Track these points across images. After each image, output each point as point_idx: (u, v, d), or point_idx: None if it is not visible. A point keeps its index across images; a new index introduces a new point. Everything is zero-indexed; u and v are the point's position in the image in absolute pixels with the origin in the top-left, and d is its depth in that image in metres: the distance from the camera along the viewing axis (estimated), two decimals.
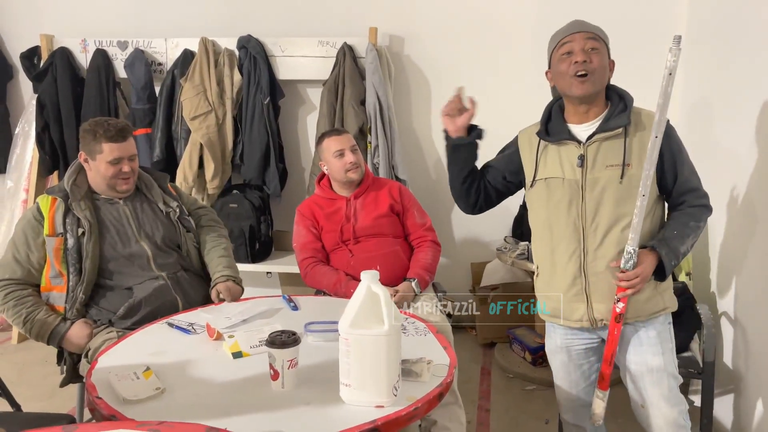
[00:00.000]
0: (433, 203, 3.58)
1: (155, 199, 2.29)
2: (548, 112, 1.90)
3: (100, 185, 2.18)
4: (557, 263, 1.83)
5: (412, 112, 3.72)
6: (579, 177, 1.75)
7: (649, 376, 1.78)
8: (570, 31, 1.76)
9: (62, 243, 2.07)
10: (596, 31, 1.77)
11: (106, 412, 1.42)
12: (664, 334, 1.81)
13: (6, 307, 2.04)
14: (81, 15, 3.82)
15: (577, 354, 1.90)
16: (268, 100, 3.48)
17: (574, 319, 1.83)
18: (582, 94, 1.73)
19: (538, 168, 1.85)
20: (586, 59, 1.71)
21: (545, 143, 1.84)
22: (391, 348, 1.41)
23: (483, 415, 2.77)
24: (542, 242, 1.89)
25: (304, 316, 2.04)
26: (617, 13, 3.38)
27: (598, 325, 1.80)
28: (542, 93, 3.57)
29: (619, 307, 1.72)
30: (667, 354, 1.79)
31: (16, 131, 3.87)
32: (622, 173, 1.71)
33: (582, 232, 1.77)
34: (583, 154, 1.75)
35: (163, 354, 1.74)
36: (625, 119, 1.72)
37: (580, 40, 1.73)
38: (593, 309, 1.79)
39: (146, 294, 2.09)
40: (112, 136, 2.10)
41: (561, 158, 1.79)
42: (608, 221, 1.74)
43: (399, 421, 1.39)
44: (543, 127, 1.86)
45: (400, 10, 3.59)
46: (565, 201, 1.78)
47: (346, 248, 2.53)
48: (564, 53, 1.75)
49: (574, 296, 1.81)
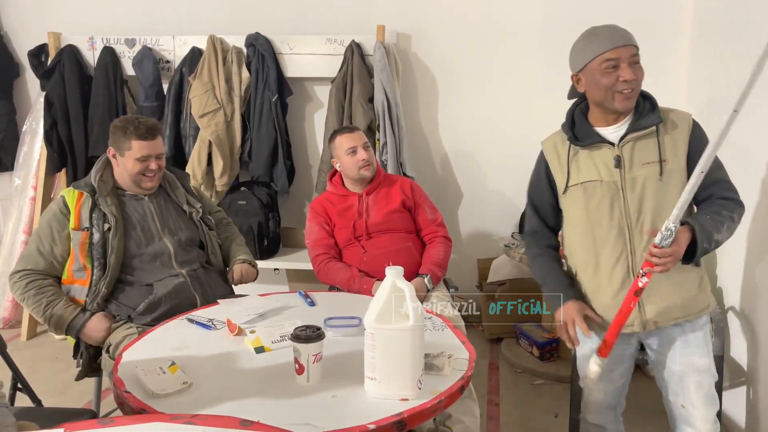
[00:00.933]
0: (440, 199, 3.60)
1: (179, 200, 2.34)
2: (571, 117, 1.87)
3: (126, 181, 2.22)
4: (602, 268, 1.79)
5: (419, 110, 3.74)
6: (617, 178, 1.74)
7: (695, 376, 1.77)
8: (616, 44, 1.70)
9: (88, 237, 2.10)
10: (636, 42, 1.73)
11: (135, 405, 1.45)
12: (708, 335, 1.80)
13: (27, 296, 2.07)
14: (88, 13, 3.82)
15: (613, 359, 1.83)
16: (276, 97, 3.49)
17: (624, 325, 1.74)
18: (625, 109, 1.74)
19: (571, 174, 1.82)
20: (635, 77, 1.69)
21: (575, 149, 1.82)
22: (416, 342, 1.45)
23: (493, 409, 2.80)
24: (584, 250, 1.83)
25: (321, 311, 2.07)
26: (622, 8, 3.41)
27: (649, 327, 1.77)
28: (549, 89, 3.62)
29: (642, 281, 1.64)
30: (711, 354, 1.79)
31: (24, 129, 3.87)
32: (660, 170, 1.72)
33: (628, 232, 1.75)
34: (619, 155, 1.74)
35: (186, 349, 1.76)
36: (657, 118, 1.73)
37: (627, 53, 1.69)
38: (645, 310, 1.76)
39: (166, 291, 2.12)
40: (142, 133, 2.14)
41: (595, 161, 1.78)
42: (652, 218, 1.72)
43: (424, 414, 1.43)
44: (570, 133, 1.84)
45: (407, 7, 3.61)
46: (606, 203, 1.76)
47: (358, 244, 2.55)
48: (609, 67, 1.69)
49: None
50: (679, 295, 1.75)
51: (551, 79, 3.57)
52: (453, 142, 3.76)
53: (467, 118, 3.70)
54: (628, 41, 1.71)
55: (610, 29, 1.74)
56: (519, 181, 3.56)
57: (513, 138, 3.66)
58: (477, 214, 3.80)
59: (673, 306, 1.75)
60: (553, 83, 3.57)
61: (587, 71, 1.75)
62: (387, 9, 3.60)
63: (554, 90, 3.58)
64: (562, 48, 3.61)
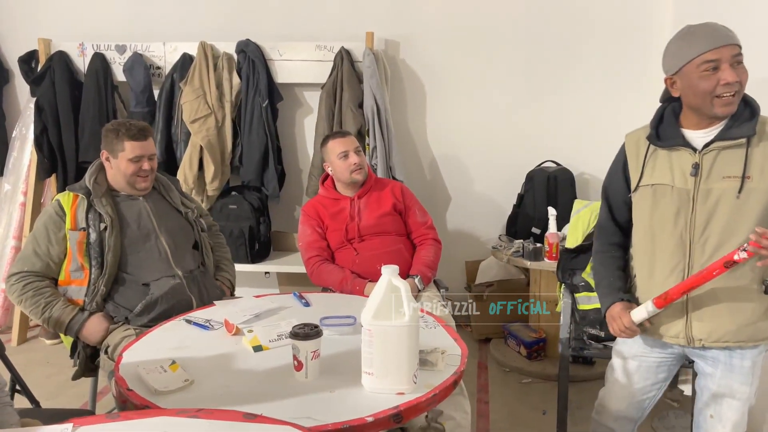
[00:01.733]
0: (429, 203, 3.66)
1: (174, 201, 2.38)
2: (660, 115, 1.76)
3: (120, 183, 2.26)
4: (656, 276, 1.73)
5: (407, 114, 3.81)
6: (691, 186, 1.64)
7: (730, 400, 1.73)
8: (717, 44, 1.56)
9: (85, 237, 2.14)
10: (738, 41, 1.58)
11: (139, 403, 1.48)
12: (758, 364, 1.71)
13: (24, 298, 2.10)
14: (79, 19, 3.84)
15: (647, 367, 1.83)
16: (267, 103, 3.54)
17: (669, 335, 1.74)
18: (726, 114, 1.61)
19: (644, 173, 1.73)
20: (738, 79, 1.55)
21: (654, 147, 1.72)
22: (412, 338, 1.50)
23: (482, 407, 2.87)
24: (642, 252, 1.79)
25: (316, 311, 2.12)
26: (603, 11, 3.52)
27: (695, 344, 1.70)
28: (534, 93, 3.71)
29: (739, 255, 1.51)
30: (755, 383, 1.72)
31: (14, 135, 3.88)
32: (741, 186, 1.58)
33: (689, 245, 1.66)
34: (698, 163, 1.63)
35: (186, 349, 1.80)
36: (750, 129, 1.58)
37: (728, 54, 1.55)
38: (692, 327, 1.69)
39: (163, 292, 2.16)
40: (134, 134, 2.19)
41: (672, 165, 1.68)
42: (720, 236, 1.61)
43: (420, 407, 1.48)
44: (654, 131, 1.73)
45: (395, 15, 3.68)
46: (672, 210, 1.67)
47: (351, 246, 2.60)
48: (708, 69, 1.56)
49: (673, 312, 1.71)
50: (733, 319, 1.66)
51: (536, 83, 3.69)
52: (441, 146, 3.83)
53: (455, 122, 3.78)
54: (730, 40, 1.56)
55: (709, 27, 1.60)
56: (506, 184, 3.68)
57: (499, 141, 3.75)
58: (465, 216, 3.87)
59: (723, 330, 1.67)
60: (537, 88, 3.69)
61: (683, 74, 1.62)
62: (375, 16, 3.67)
63: (539, 94, 3.71)
64: (545, 53, 3.75)
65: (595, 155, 3.60)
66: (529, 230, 3.41)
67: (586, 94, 3.64)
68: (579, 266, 2.56)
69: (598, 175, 3.64)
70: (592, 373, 3.12)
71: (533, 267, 3.15)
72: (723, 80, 1.55)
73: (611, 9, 3.53)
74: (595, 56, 3.60)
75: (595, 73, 3.61)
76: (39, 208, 3.78)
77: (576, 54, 3.61)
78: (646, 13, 3.49)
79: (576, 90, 3.64)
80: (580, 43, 3.59)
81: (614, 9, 3.53)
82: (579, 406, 2.83)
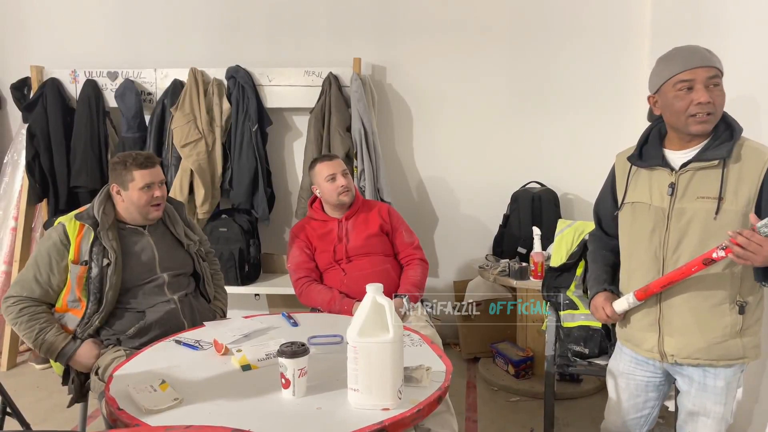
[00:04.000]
0: (416, 224, 3.71)
1: (178, 233, 2.38)
2: (646, 136, 1.82)
3: (133, 214, 2.25)
4: (633, 290, 1.78)
5: (394, 138, 3.88)
6: (666, 205, 1.70)
7: (705, 419, 1.76)
8: (692, 65, 1.62)
9: (86, 271, 2.14)
10: (717, 64, 1.64)
11: (129, 422, 1.51)
12: (733, 384, 1.73)
13: (20, 321, 2.11)
14: (71, 46, 3.91)
15: (636, 386, 1.88)
16: (257, 127, 3.60)
17: (644, 348, 1.80)
18: (699, 133, 1.66)
19: (628, 191, 1.81)
20: (710, 100, 1.61)
21: (636, 167, 1.80)
22: (396, 354, 1.54)
23: (471, 426, 2.89)
24: (623, 265, 1.87)
25: (304, 331, 2.15)
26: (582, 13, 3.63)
27: (668, 360, 1.76)
28: (518, 117, 3.79)
29: (717, 253, 1.57)
30: (729, 403, 1.74)
31: (5, 160, 3.92)
32: (717, 208, 1.62)
33: (662, 262, 1.72)
34: (674, 182, 1.69)
35: (175, 368, 1.83)
36: (725, 151, 1.62)
37: (703, 75, 1.61)
38: (664, 342, 1.75)
39: (157, 317, 2.19)
40: (142, 163, 2.21)
41: (651, 184, 1.74)
42: (691, 254, 1.66)
43: (404, 422, 1.52)
44: (637, 151, 1.81)
45: (382, 41, 3.78)
46: (648, 228, 1.73)
47: (339, 267, 2.65)
48: (683, 89, 1.63)
49: (647, 326, 1.78)
50: (703, 337, 1.69)
51: (520, 106, 3.78)
52: (428, 169, 3.90)
53: (441, 144, 3.85)
54: (706, 62, 1.62)
55: (689, 49, 1.67)
56: (491, 205, 3.74)
57: (485, 163, 3.83)
58: (452, 238, 3.93)
59: (693, 347, 1.71)
60: (521, 110, 3.78)
61: (662, 93, 1.70)
62: (363, 42, 3.76)
63: (523, 117, 3.80)
64: (529, 76, 3.83)
65: (578, 176, 3.70)
66: (515, 250, 3.47)
67: (570, 116, 3.73)
68: (563, 284, 2.62)
69: (582, 196, 3.72)
70: (580, 390, 3.16)
71: (519, 285, 3.20)
72: (696, 100, 1.61)
73: (594, 31, 3.63)
74: (578, 79, 3.69)
75: (579, 96, 3.71)
76: (30, 234, 3.80)
77: (559, 77, 3.70)
78: (629, 36, 3.60)
79: (559, 112, 3.73)
80: (563, 66, 3.69)
81: (597, 31, 3.63)
82: (566, 423, 2.87)
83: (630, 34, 3.59)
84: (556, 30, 3.66)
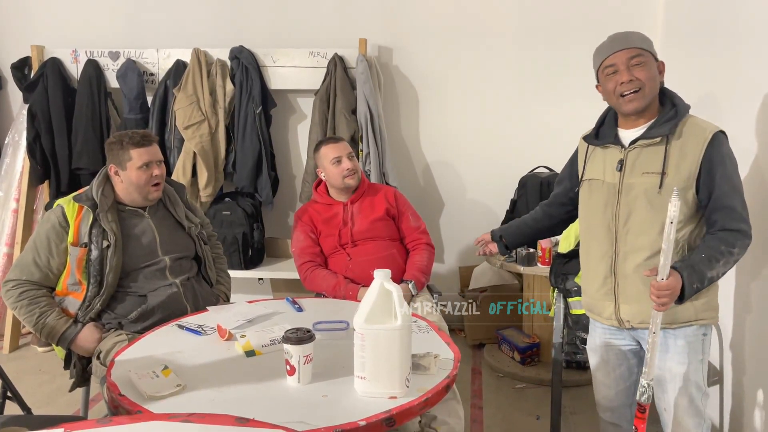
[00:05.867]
0: (422, 209, 3.65)
1: (179, 215, 2.34)
2: (603, 117, 1.93)
3: (132, 194, 2.21)
4: (590, 262, 1.92)
5: (400, 121, 3.82)
6: (617, 181, 1.80)
7: (672, 383, 1.81)
8: (612, 50, 1.77)
9: (86, 253, 2.10)
10: (638, 43, 1.76)
11: (131, 408, 1.48)
12: (695, 345, 1.79)
13: (20, 305, 2.08)
14: (72, 26, 3.85)
15: (615, 355, 1.94)
16: (260, 109, 3.55)
17: (604, 317, 1.90)
18: (633, 110, 1.76)
19: (586, 169, 1.92)
20: (632, 78, 1.72)
21: (593, 147, 1.91)
22: (404, 341, 1.50)
23: (476, 413, 2.86)
24: (582, 239, 1.98)
25: (309, 316, 2.11)
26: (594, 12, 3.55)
27: (625, 325, 1.85)
28: (527, 100, 3.73)
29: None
30: (694, 364, 1.79)
31: (6, 141, 3.87)
32: (660, 182, 1.71)
33: (615, 234, 1.82)
34: (623, 159, 1.79)
35: (178, 354, 1.80)
36: (668, 129, 1.72)
37: (623, 57, 1.74)
38: (620, 309, 1.84)
39: (159, 301, 2.15)
40: (138, 141, 2.16)
41: (605, 161, 1.85)
42: (639, 227, 1.77)
43: (412, 411, 1.48)
44: (594, 131, 1.93)
45: (388, 22, 3.70)
46: (601, 203, 1.84)
47: (344, 252, 2.61)
48: (609, 73, 1.77)
49: (604, 295, 1.87)
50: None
51: (528, 89, 3.71)
52: (434, 153, 3.84)
53: (448, 128, 3.79)
54: (626, 44, 1.75)
55: (611, 37, 1.80)
56: (499, 190, 3.69)
57: (492, 147, 3.77)
58: (458, 222, 3.88)
59: (645, 313, 1.76)
60: (529, 94, 3.71)
61: (600, 80, 1.85)
62: (369, 23, 3.68)
63: (531, 100, 3.73)
64: (537, 59, 3.77)
65: None
66: None
67: (578, 99, 3.63)
68: (571, 271, 2.57)
69: None
70: (586, 378, 3.12)
71: (526, 272, 3.15)
72: (619, 80, 1.74)
73: (603, 16, 3.55)
74: (586, 62, 3.58)
75: (588, 81, 3.59)
76: (32, 215, 3.77)
77: (567, 60, 3.63)
78: (637, 21, 3.51)
79: (568, 95, 3.65)
80: (572, 49, 3.61)
81: (605, 16, 3.55)
82: (573, 411, 2.84)
83: (641, 19, 3.50)
84: (568, 16, 3.57)
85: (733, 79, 2.46)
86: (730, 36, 2.51)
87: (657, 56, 1.79)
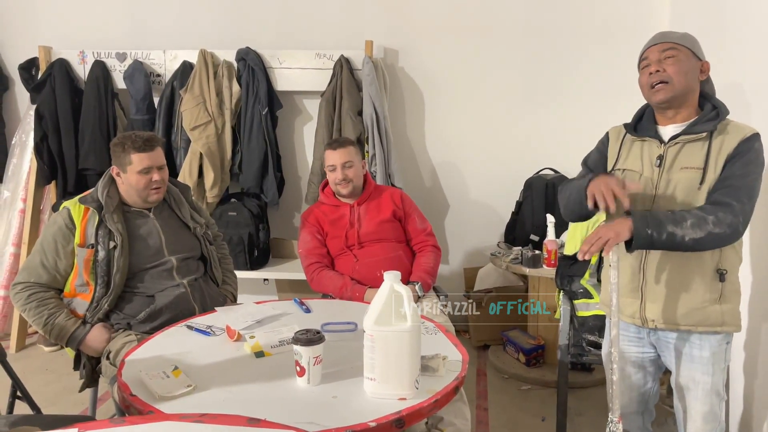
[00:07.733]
0: (428, 210, 3.67)
1: (184, 215, 2.36)
2: (641, 113, 1.93)
3: (133, 197, 2.23)
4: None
5: (406, 122, 3.83)
6: (655, 176, 1.78)
7: (695, 391, 1.80)
8: (648, 45, 1.82)
9: (93, 254, 2.12)
10: (674, 39, 1.78)
11: (142, 408, 1.49)
12: (719, 355, 1.79)
13: (28, 308, 2.09)
14: (79, 27, 3.87)
15: (633, 362, 1.92)
16: (267, 110, 3.56)
17: (626, 314, 1.86)
18: (659, 101, 1.78)
19: (620, 158, 1.89)
20: (659, 69, 1.75)
21: (632, 137, 1.88)
22: (414, 343, 1.51)
23: (482, 414, 2.87)
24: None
25: (317, 317, 2.12)
26: (601, 13, 3.57)
27: (649, 325, 1.82)
28: (533, 101, 3.74)
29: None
30: (718, 374, 1.79)
31: (13, 141, 3.89)
32: (702, 177, 1.71)
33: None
34: (662, 154, 1.78)
35: (188, 354, 1.81)
36: (712, 126, 1.73)
37: (656, 51, 1.78)
38: (646, 308, 1.82)
39: (167, 301, 2.16)
40: (140, 146, 2.17)
41: (642, 154, 1.83)
42: None
43: (422, 412, 1.49)
44: (633, 124, 1.92)
45: (394, 23, 3.72)
46: (636, 196, 1.78)
47: (350, 253, 2.62)
48: (643, 66, 1.82)
49: (630, 291, 1.84)
50: (684, 303, 1.76)
51: (533, 91, 3.72)
52: (440, 154, 3.85)
53: (453, 130, 3.80)
54: (660, 40, 1.79)
55: (655, 35, 1.83)
56: (504, 191, 3.70)
57: (498, 149, 3.78)
58: (464, 223, 3.89)
59: (673, 313, 1.76)
60: (535, 95, 3.72)
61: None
62: (375, 25, 3.70)
63: (537, 102, 3.74)
64: (543, 61, 3.78)
65: None
66: (528, 237, 3.43)
67: (584, 101, 3.67)
68: (577, 273, 2.58)
69: None
70: (592, 379, 3.14)
71: (532, 274, 3.16)
72: (648, 71, 1.79)
73: (608, 17, 3.57)
74: (592, 64, 3.63)
75: (592, 81, 3.64)
76: (38, 215, 3.79)
77: (573, 62, 3.64)
78: (643, 22, 3.53)
79: (573, 97, 3.66)
80: (577, 51, 3.62)
81: (611, 17, 3.57)
82: (578, 412, 2.85)
83: (647, 19, 3.51)
84: (574, 17, 3.59)
85: (739, 80, 2.46)
86: (736, 39, 2.52)
87: (701, 55, 1.80)
